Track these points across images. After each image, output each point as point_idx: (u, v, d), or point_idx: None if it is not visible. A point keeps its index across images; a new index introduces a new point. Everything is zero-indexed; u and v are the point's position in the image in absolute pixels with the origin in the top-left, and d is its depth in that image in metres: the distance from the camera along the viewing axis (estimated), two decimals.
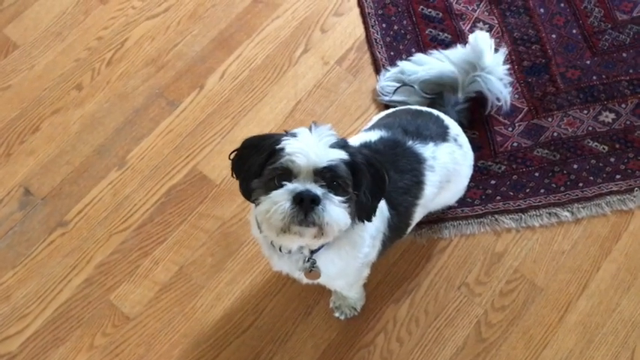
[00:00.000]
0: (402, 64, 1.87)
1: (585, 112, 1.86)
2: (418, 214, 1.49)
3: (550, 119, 1.85)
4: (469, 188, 1.71)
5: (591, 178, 1.78)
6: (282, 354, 1.60)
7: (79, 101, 1.89)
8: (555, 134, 1.83)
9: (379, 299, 1.67)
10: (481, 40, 1.74)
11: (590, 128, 1.84)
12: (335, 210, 1.12)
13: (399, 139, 1.44)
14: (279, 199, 1.11)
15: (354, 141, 1.44)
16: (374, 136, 1.45)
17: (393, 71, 1.88)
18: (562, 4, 2.01)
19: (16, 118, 1.87)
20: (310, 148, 1.12)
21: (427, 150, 1.44)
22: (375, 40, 1.97)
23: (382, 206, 1.34)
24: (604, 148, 1.81)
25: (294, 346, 1.61)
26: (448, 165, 1.48)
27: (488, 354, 1.61)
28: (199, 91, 1.91)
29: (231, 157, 1.23)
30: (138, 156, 1.82)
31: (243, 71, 1.94)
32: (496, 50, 1.81)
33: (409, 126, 1.48)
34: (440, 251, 1.72)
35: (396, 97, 1.85)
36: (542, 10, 2.01)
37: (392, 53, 1.96)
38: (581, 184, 1.77)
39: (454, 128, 1.56)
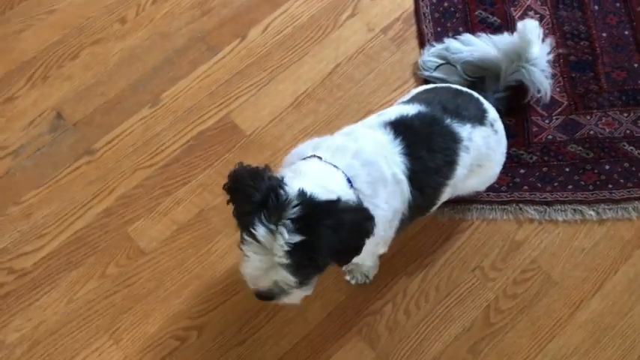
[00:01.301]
0: (449, 42, 1.84)
1: (625, 114, 1.83)
2: (446, 195, 1.47)
3: (588, 117, 1.83)
4: None
5: (622, 181, 1.76)
6: (288, 308, 1.61)
7: (121, 35, 1.90)
8: (592, 132, 1.80)
9: (392, 270, 1.66)
10: (530, 29, 1.69)
11: (627, 132, 1.81)
12: (292, 298, 1.23)
13: (437, 115, 1.41)
14: (247, 281, 1.23)
15: (391, 113, 1.42)
16: (412, 110, 1.43)
17: (438, 47, 1.85)
18: (617, 4, 1.97)
19: (57, 42, 1.88)
20: (262, 273, 1.16)
21: (464, 130, 1.42)
22: (424, 14, 1.95)
23: (404, 189, 1.33)
24: (639, 154, 1.78)
25: (302, 303, 1.61)
26: (482, 149, 1.47)
27: (494, 338, 1.60)
28: (241, 40, 1.90)
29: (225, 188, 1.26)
30: (172, 96, 1.83)
31: (287, 27, 1.92)
32: (543, 41, 1.78)
33: (449, 104, 1.45)
34: (459, 232, 1.71)
35: (436, 74, 1.83)
36: (596, 7, 1.97)
37: (439, 29, 1.93)
38: (610, 186, 1.75)
39: (492, 113, 1.54)
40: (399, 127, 1.37)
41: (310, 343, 1.59)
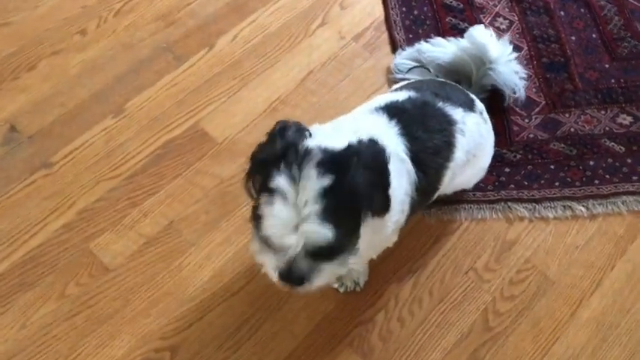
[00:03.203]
0: (420, 45, 1.81)
1: (603, 112, 1.81)
2: (447, 179, 1.39)
3: (567, 115, 1.80)
4: None
5: (607, 176, 1.71)
6: (272, 322, 1.46)
7: (81, 46, 1.80)
8: (572, 130, 1.77)
9: (381, 276, 1.55)
10: (478, 34, 1.66)
11: (607, 128, 1.78)
12: (325, 276, 1.06)
13: (428, 99, 1.36)
14: (266, 264, 1.06)
15: (380, 100, 1.35)
16: (402, 95, 1.37)
17: (410, 50, 1.82)
18: (582, 10, 2.00)
19: (13, 54, 1.77)
20: (290, 231, 0.98)
21: (457, 114, 1.36)
22: (395, 21, 1.93)
23: (409, 168, 1.25)
24: (621, 149, 1.75)
25: (286, 315, 1.47)
26: (475, 136, 1.41)
27: (495, 343, 1.48)
28: (209, 50, 1.83)
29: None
30: (137, 105, 1.72)
31: (257, 36, 1.87)
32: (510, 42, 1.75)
33: (439, 90, 1.41)
34: (449, 233, 1.61)
35: (410, 76, 1.79)
36: (562, 13, 1.99)
37: (410, 36, 1.91)
38: (597, 182, 1.70)
39: (478, 102, 1.50)
40: (392, 110, 1.30)
41: (298, 359, 1.43)
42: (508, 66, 1.71)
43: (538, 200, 1.67)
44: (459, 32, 1.92)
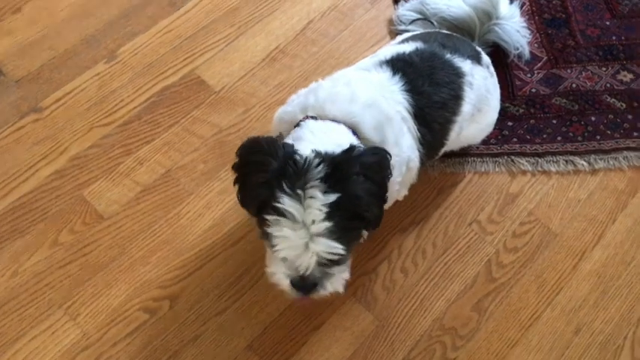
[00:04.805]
0: None
1: (604, 69, 1.80)
2: (454, 133, 1.36)
3: (569, 71, 1.78)
4: None
5: (608, 132, 1.70)
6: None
7: None
8: (574, 85, 1.76)
9: (384, 227, 1.52)
10: None
11: (608, 85, 1.77)
12: (335, 282, 1.10)
13: (436, 51, 1.33)
14: (279, 274, 1.09)
15: (386, 52, 1.32)
16: (408, 47, 1.33)
17: (413, 2, 1.78)
18: None
19: None
20: (302, 250, 0.99)
21: (466, 65, 1.33)
22: None
23: (410, 125, 1.23)
24: (622, 105, 1.74)
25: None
26: (481, 90, 1.38)
27: (498, 294, 1.47)
28: None
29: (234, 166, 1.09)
30: (130, 51, 1.64)
31: None
32: (511, 1, 1.73)
33: (446, 42, 1.38)
34: (452, 185, 1.59)
35: (412, 28, 1.75)
36: None
37: None
38: (598, 137, 1.69)
39: (485, 56, 1.47)
40: (397, 64, 1.27)
41: (300, 308, 1.40)
42: (514, 24, 1.68)
43: (541, 154, 1.65)
44: None
